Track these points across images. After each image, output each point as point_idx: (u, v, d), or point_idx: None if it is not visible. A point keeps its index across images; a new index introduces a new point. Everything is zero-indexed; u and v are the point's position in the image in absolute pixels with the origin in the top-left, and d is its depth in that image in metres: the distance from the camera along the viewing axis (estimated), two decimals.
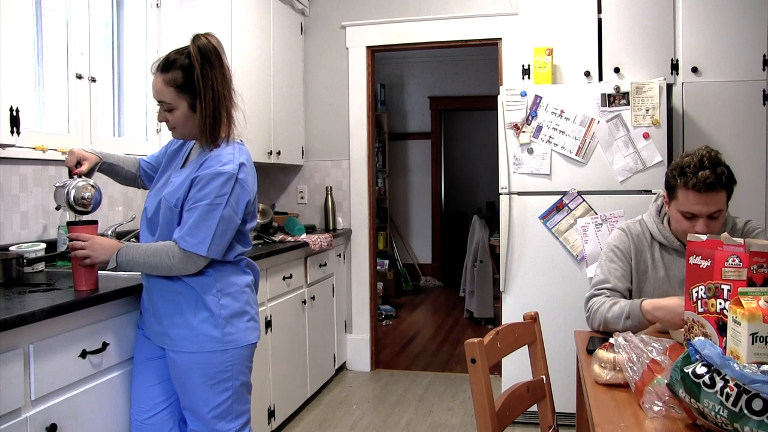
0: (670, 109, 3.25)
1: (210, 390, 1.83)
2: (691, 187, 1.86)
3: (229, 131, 1.86)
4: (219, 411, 1.85)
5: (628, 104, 3.07)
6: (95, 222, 1.89)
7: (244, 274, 1.94)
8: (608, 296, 2.00)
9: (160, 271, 1.79)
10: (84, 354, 1.74)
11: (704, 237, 1.49)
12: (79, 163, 1.95)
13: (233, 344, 1.85)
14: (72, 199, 1.89)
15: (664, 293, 2.02)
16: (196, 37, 1.80)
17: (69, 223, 1.87)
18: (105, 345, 1.82)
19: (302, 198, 4.34)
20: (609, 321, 1.91)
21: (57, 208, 1.98)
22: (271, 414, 3.01)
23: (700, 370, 1.13)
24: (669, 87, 3.23)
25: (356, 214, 4.25)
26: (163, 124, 1.89)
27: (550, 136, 3.14)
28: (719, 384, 1.10)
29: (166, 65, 1.80)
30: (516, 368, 2.87)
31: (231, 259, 1.88)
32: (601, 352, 1.53)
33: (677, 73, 3.30)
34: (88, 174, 1.96)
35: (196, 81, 1.77)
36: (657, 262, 2.07)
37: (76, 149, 1.98)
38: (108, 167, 2.05)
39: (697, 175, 1.84)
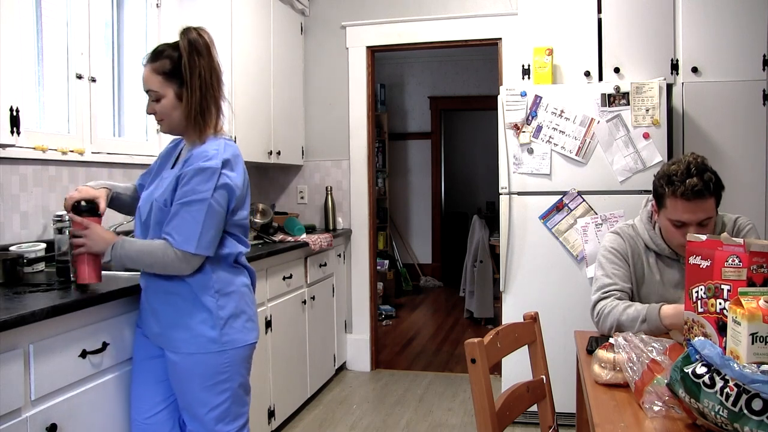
0: (670, 109, 3.25)
1: (208, 391, 1.83)
2: (680, 195, 1.85)
3: (216, 123, 1.86)
4: (217, 413, 1.84)
5: (628, 104, 3.07)
6: (99, 215, 1.86)
7: (242, 274, 1.93)
8: (618, 298, 1.99)
9: (155, 269, 1.78)
10: (84, 354, 1.74)
11: (704, 237, 1.49)
12: (91, 203, 1.86)
13: (231, 345, 1.84)
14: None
15: (661, 296, 2.02)
16: (187, 30, 1.82)
17: (73, 209, 1.83)
18: (105, 345, 1.82)
19: (302, 198, 4.34)
20: (623, 324, 1.88)
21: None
22: (271, 414, 3.01)
23: (700, 370, 1.13)
24: (669, 87, 3.23)
25: (356, 214, 4.25)
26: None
27: (550, 136, 3.14)
28: (719, 384, 1.10)
29: (155, 55, 1.82)
30: (516, 368, 2.87)
31: (228, 258, 1.87)
32: (601, 352, 1.53)
33: (677, 73, 3.30)
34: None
35: (183, 69, 1.78)
36: (652, 266, 2.06)
37: (82, 188, 1.90)
38: (116, 197, 2.02)
39: (685, 183, 1.83)
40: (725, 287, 1.39)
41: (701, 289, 1.46)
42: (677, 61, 3.30)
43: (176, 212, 1.75)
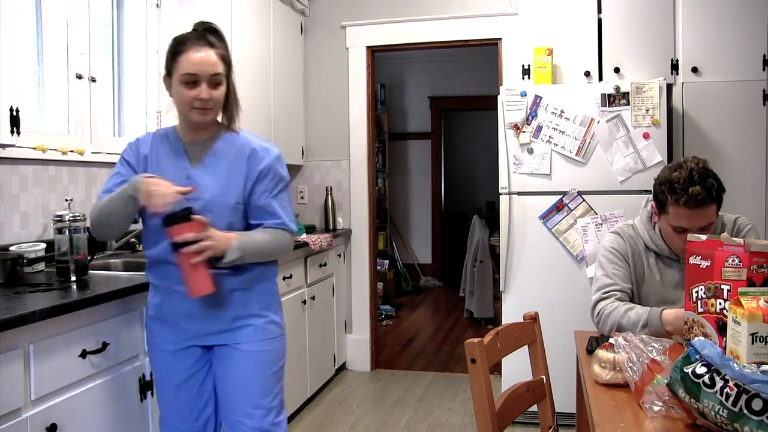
0: (670, 109, 3.25)
1: (269, 379, 1.84)
2: (682, 204, 1.84)
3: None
4: (278, 401, 1.86)
5: (628, 104, 3.07)
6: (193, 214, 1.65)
7: None
8: (619, 298, 1.98)
9: (275, 256, 1.84)
10: (84, 354, 1.74)
11: (704, 237, 1.49)
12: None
13: (285, 328, 1.91)
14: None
15: (661, 296, 2.02)
16: (207, 22, 1.85)
17: (167, 221, 1.62)
18: (105, 345, 1.82)
19: (302, 198, 4.34)
20: (623, 327, 1.87)
21: None
22: None
23: (700, 370, 1.13)
24: (669, 87, 3.23)
25: (356, 214, 4.25)
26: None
27: (550, 136, 3.14)
28: (719, 384, 1.10)
29: (211, 40, 1.77)
30: (516, 368, 2.87)
31: None
32: (601, 352, 1.53)
33: (677, 73, 3.30)
34: None
35: (229, 58, 1.83)
36: (652, 266, 2.06)
37: (165, 187, 1.64)
38: None
39: (688, 191, 1.82)
40: (725, 287, 1.39)
41: (701, 289, 1.46)
42: (677, 61, 3.30)
43: (276, 202, 1.81)
